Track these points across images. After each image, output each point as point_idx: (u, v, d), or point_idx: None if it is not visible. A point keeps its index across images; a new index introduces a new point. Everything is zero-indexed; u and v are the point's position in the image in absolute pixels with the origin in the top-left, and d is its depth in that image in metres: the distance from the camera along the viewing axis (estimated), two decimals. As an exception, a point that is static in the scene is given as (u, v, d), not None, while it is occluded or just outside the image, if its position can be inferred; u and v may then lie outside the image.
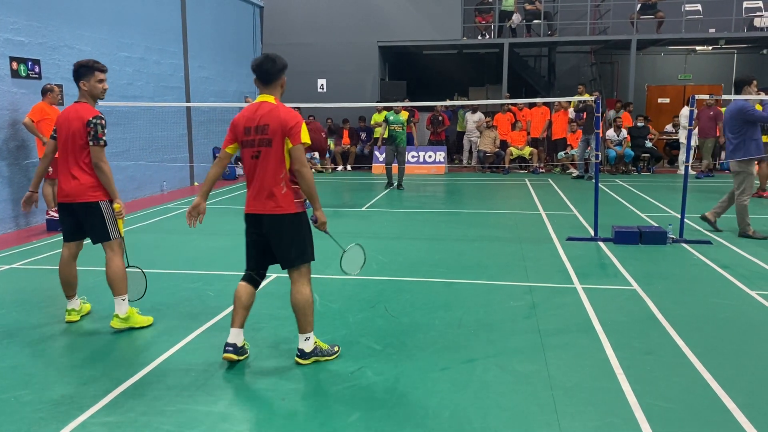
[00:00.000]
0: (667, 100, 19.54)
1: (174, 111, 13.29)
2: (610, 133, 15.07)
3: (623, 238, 7.58)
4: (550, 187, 13.15)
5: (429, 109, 17.59)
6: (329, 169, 16.46)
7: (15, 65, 8.88)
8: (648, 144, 15.54)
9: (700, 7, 17.54)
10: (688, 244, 7.53)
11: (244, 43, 16.90)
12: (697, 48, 19.42)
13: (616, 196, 11.44)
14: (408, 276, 6.30)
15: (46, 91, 8.77)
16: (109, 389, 3.77)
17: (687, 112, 13.47)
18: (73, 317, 5.00)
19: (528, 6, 17.44)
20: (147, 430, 3.30)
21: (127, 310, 4.75)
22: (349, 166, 16.96)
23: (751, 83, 7.92)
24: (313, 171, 10.81)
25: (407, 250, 7.45)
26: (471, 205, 10.97)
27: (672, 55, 19.98)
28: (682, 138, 15.35)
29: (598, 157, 7.93)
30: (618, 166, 15.22)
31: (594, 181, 8.24)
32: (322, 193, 9.35)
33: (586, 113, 14.26)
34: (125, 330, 4.77)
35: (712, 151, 14.73)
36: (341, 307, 5.30)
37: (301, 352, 4.12)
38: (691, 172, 13.73)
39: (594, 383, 3.82)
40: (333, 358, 4.20)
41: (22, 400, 3.66)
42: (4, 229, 8.78)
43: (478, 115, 16.65)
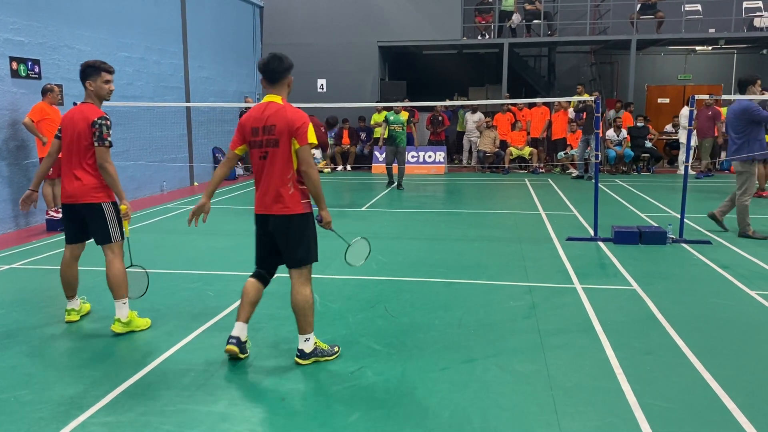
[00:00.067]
0: (667, 100, 19.54)
1: (174, 111, 13.29)
2: (610, 133, 15.07)
3: (623, 238, 7.58)
4: (549, 187, 13.15)
5: (429, 109, 17.58)
6: (329, 169, 16.45)
7: (15, 65, 8.88)
8: (648, 144, 15.54)
9: (699, 7, 17.54)
10: (688, 244, 7.53)
11: (244, 43, 16.90)
12: (697, 48, 19.42)
13: (616, 196, 11.44)
14: (408, 276, 6.30)
15: (46, 91, 8.77)
16: (109, 389, 3.77)
17: (687, 112, 13.44)
18: (72, 317, 5.00)
19: (528, 6, 17.43)
20: (147, 430, 3.30)
21: (128, 313, 4.74)
22: (349, 166, 16.96)
23: (755, 83, 7.90)
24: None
25: (407, 250, 7.45)
26: (471, 205, 10.97)
27: (672, 55, 19.97)
28: (681, 138, 15.36)
29: (597, 157, 7.93)
30: (618, 166, 15.22)
31: (594, 181, 8.24)
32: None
33: (585, 113, 14.26)
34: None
35: (711, 151, 14.74)
36: (341, 307, 5.30)
37: (301, 353, 4.12)
38: (690, 172, 13.73)
39: (594, 383, 3.82)
40: (333, 358, 4.20)
41: (22, 400, 3.66)
42: (4, 229, 8.78)
43: (478, 115, 16.65)
